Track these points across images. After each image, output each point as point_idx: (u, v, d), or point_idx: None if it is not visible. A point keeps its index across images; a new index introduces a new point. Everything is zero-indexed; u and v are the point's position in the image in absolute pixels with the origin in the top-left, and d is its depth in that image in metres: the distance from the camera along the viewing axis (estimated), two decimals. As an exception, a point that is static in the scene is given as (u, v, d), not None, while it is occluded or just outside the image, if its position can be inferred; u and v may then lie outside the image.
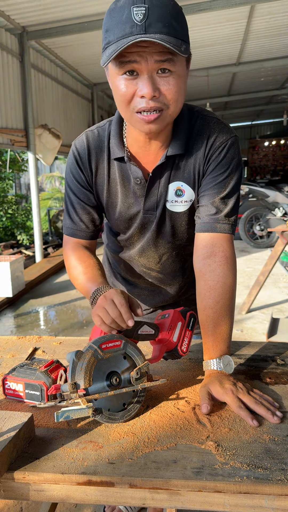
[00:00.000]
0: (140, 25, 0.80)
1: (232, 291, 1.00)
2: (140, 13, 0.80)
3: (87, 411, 0.76)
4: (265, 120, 18.61)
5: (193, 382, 0.98)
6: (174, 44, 0.81)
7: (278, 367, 1.05)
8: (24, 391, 0.90)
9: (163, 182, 1.06)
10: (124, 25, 0.81)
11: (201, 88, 9.91)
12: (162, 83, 0.86)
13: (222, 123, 1.03)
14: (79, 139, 1.10)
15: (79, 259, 1.10)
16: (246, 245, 7.54)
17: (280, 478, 0.66)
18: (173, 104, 0.89)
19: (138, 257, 1.20)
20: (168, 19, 0.81)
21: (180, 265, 1.23)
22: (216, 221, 1.03)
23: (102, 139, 1.07)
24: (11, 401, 0.93)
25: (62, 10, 5.26)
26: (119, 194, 1.10)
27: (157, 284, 1.27)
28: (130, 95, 0.88)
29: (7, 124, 5.84)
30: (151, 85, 0.85)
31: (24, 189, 13.95)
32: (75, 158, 1.09)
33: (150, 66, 0.84)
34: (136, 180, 1.05)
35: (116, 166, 1.07)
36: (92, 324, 4.07)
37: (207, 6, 5.23)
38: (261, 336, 3.68)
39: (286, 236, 3.91)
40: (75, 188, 1.11)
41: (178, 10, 0.84)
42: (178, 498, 0.67)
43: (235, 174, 1.03)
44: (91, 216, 1.13)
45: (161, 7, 0.81)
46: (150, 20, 0.80)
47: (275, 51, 7.92)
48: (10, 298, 4.89)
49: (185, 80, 0.92)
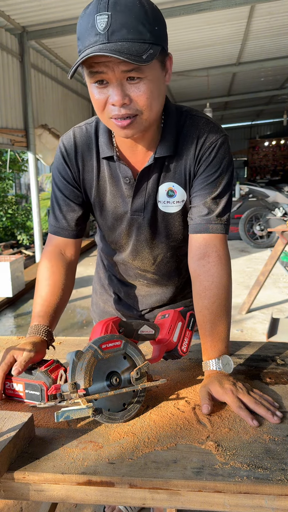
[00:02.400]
0: (103, 34, 0.79)
1: (227, 291, 1.00)
2: (103, 21, 0.79)
3: (87, 411, 0.76)
4: (265, 120, 18.61)
5: (193, 382, 0.98)
6: (136, 52, 0.79)
7: (278, 367, 1.05)
8: (24, 391, 0.90)
9: (151, 183, 1.05)
10: (90, 34, 0.80)
11: (201, 88, 9.91)
12: (132, 90, 0.85)
13: (211, 123, 1.03)
14: (67, 135, 1.09)
15: (47, 277, 1.09)
16: (246, 245, 7.54)
17: (280, 478, 0.66)
18: (146, 109, 0.88)
19: (132, 260, 1.20)
20: (133, 23, 0.79)
21: (176, 266, 1.23)
22: (208, 222, 1.03)
23: (90, 136, 1.07)
24: (11, 401, 0.93)
25: (62, 10, 5.26)
26: (108, 193, 1.09)
27: (153, 285, 1.27)
28: (103, 102, 0.88)
29: (7, 124, 5.84)
30: (121, 93, 0.84)
31: (24, 189, 13.95)
32: (62, 154, 1.08)
33: (117, 75, 0.83)
34: (126, 179, 1.05)
35: (105, 164, 1.07)
36: (92, 324, 4.07)
37: (207, 6, 5.23)
38: (261, 336, 3.68)
39: (286, 236, 3.91)
40: (61, 185, 1.10)
41: (146, 10, 0.81)
42: (178, 498, 0.67)
43: (226, 173, 1.03)
44: (76, 214, 1.12)
45: (126, 12, 0.79)
46: (113, 27, 0.78)
47: (275, 51, 7.91)
48: (10, 298, 4.89)
49: (160, 82, 0.90)
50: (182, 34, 6.48)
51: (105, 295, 1.40)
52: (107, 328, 0.86)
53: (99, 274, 1.42)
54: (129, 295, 1.32)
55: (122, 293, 1.34)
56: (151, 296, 1.30)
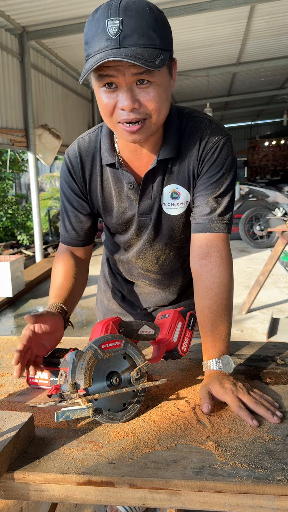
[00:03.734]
0: (115, 39, 0.79)
1: (229, 290, 1.01)
2: (114, 26, 0.78)
3: (87, 411, 0.76)
4: (265, 120, 18.62)
5: (193, 382, 0.98)
6: (149, 57, 0.79)
7: (278, 367, 1.05)
8: (49, 379, 0.95)
9: (156, 185, 1.06)
10: (100, 38, 0.80)
11: (201, 88, 9.92)
12: (141, 94, 0.85)
13: (214, 123, 1.03)
14: (71, 147, 1.11)
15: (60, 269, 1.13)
16: (246, 245, 7.54)
17: (280, 478, 0.66)
18: (155, 113, 0.88)
19: (136, 259, 1.20)
20: (144, 29, 0.79)
21: (179, 266, 1.23)
22: (211, 221, 1.03)
23: (94, 145, 1.08)
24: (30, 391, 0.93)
25: (62, 10, 5.27)
26: (114, 198, 1.10)
27: (156, 285, 1.27)
28: (111, 107, 0.88)
29: (7, 124, 5.84)
30: (130, 97, 0.84)
31: (24, 189, 13.95)
32: (67, 167, 1.10)
33: (127, 79, 0.83)
34: (129, 185, 1.05)
35: (109, 171, 1.07)
36: (92, 324, 4.08)
37: (207, 6, 5.24)
38: (261, 336, 3.68)
39: (286, 236, 3.91)
40: (69, 196, 1.13)
41: (156, 16, 0.81)
42: (178, 498, 0.67)
43: (229, 173, 1.03)
44: (84, 225, 1.15)
45: (137, 17, 0.79)
46: (125, 32, 0.78)
47: (275, 51, 7.92)
48: (10, 298, 4.89)
49: (168, 87, 0.90)
50: (182, 34, 6.48)
51: (109, 293, 1.41)
52: (107, 328, 0.86)
53: (104, 272, 1.43)
54: (133, 293, 1.33)
55: (125, 291, 1.35)
56: (155, 295, 1.30)
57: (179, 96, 11.28)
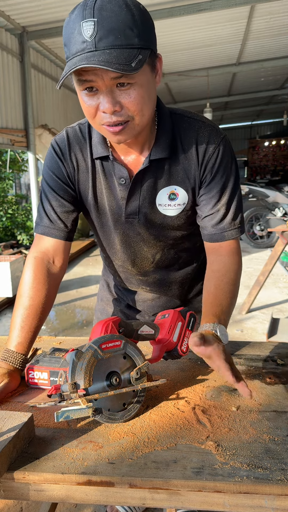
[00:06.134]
0: (90, 41, 0.77)
1: (235, 274, 1.03)
2: (89, 28, 0.77)
3: (87, 411, 0.76)
4: (265, 120, 18.60)
5: (193, 382, 0.98)
6: (125, 60, 0.77)
7: (278, 367, 1.05)
8: (49, 379, 0.95)
9: (147, 186, 1.04)
10: (76, 41, 0.79)
11: (201, 88, 9.91)
12: (122, 96, 0.84)
13: (209, 125, 1.02)
14: (59, 135, 1.08)
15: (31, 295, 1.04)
16: (246, 245, 7.54)
17: (280, 478, 0.66)
18: (138, 115, 0.87)
19: (131, 266, 1.19)
20: (121, 29, 0.77)
21: (175, 261, 1.22)
22: (223, 230, 1.05)
23: (83, 135, 1.05)
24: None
25: (62, 10, 5.26)
26: (104, 195, 1.07)
27: (157, 288, 1.27)
28: (93, 109, 0.87)
29: (7, 124, 5.84)
30: (111, 100, 0.83)
31: (24, 189, 13.94)
32: (55, 151, 1.05)
33: (106, 82, 0.82)
34: (121, 180, 1.03)
35: (99, 165, 1.04)
36: (92, 324, 4.07)
37: (207, 6, 5.23)
38: (261, 336, 3.68)
39: (286, 236, 3.91)
40: (54, 185, 1.07)
41: (133, 14, 0.78)
42: (178, 498, 0.67)
43: (232, 175, 1.03)
44: (70, 215, 1.09)
45: (112, 17, 0.76)
46: (100, 34, 0.76)
47: (275, 51, 7.91)
48: (10, 298, 4.89)
49: (150, 85, 0.88)
50: (182, 34, 6.47)
51: (115, 302, 1.41)
52: (107, 328, 0.86)
53: (107, 282, 1.43)
54: (137, 302, 1.33)
55: (130, 301, 1.34)
56: (159, 299, 1.30)
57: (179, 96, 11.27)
